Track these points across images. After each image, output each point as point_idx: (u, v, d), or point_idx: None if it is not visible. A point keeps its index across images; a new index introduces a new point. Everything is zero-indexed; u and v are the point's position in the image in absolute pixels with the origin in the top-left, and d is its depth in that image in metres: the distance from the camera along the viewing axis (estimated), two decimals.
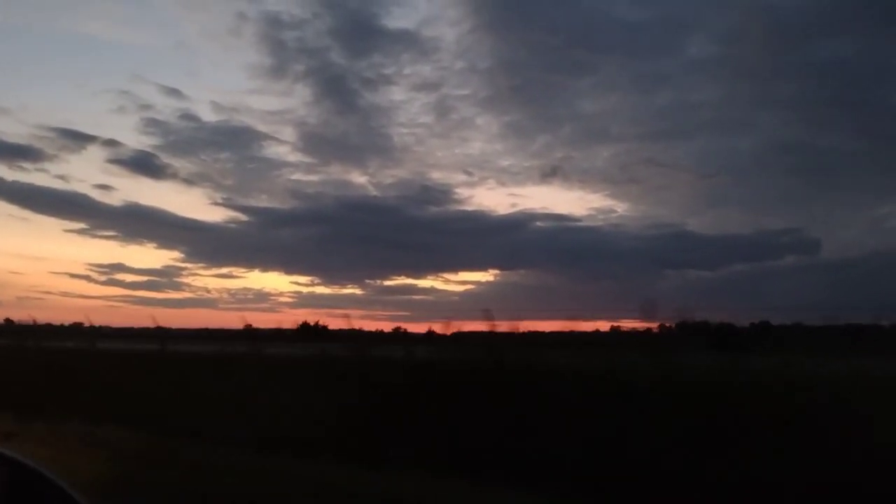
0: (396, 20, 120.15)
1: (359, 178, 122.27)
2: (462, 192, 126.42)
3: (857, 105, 79.40)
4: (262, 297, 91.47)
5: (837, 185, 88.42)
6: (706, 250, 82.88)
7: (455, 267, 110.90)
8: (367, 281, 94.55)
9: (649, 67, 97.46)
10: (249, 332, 16.52)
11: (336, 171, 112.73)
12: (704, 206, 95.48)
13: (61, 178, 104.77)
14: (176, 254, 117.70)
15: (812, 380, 7.15)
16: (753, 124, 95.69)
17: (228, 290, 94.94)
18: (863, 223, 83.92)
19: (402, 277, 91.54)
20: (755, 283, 76.50)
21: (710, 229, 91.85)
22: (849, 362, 7.54)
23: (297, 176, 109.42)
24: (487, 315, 10.00)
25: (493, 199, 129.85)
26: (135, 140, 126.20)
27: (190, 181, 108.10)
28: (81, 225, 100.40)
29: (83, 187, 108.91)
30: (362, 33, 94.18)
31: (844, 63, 76.09)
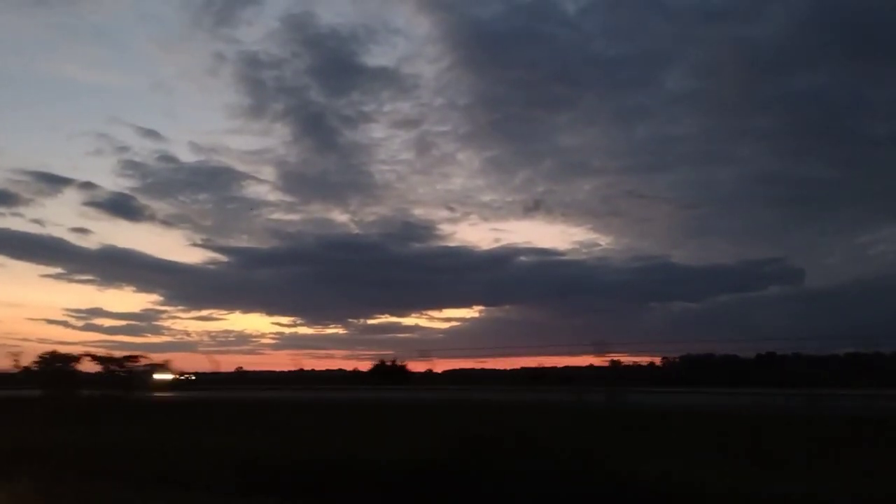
0: (375, 58, 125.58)
1: (340, 216, 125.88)
2: (444, 228, 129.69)
3: (834, 135, 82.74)
4: (243, 339, 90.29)
5: (818, 214, 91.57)
6: (690, 282, 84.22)
7: (439, 304, 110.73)
8: (350, 320, 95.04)
9: (628, 101, 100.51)
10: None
11: (317, 210, 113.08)
12: (687, 238, 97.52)
13: (37, 222, 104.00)
14: (155, 297, 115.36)
15: None
16: (733, 156, 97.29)
17: (209, 333, 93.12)
18: (845, 252, 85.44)
19: (386, 316, 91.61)
20: (741, 314, 77.23)
21: (693, 260, 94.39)
22: None
23: (277, 215, 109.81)
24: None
25: (476, 234, 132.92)
26: (112, 182, 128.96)
27: (168, 223, 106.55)
28: (58, 269, 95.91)
29: (59, 231, 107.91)
30: (341, 71, 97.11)
31: (820, 94, 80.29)
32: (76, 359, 13.86)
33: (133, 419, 13.36)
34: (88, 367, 14.80)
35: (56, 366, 13.69)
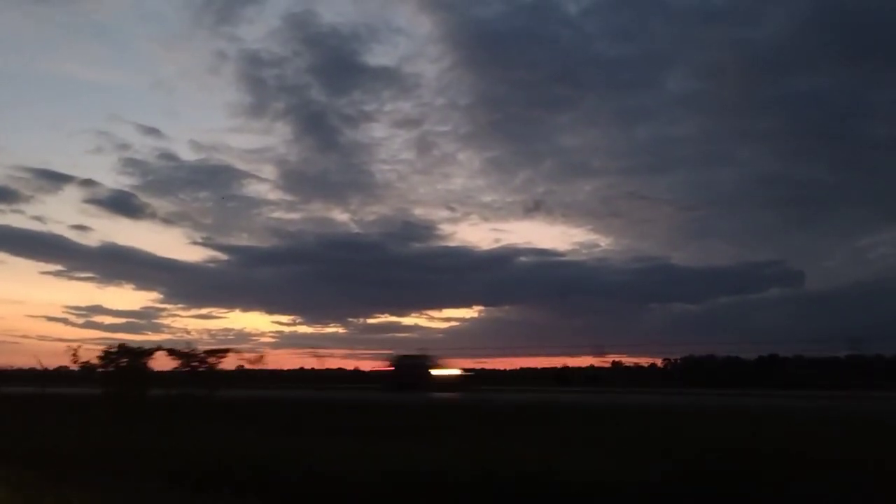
0: (377, 57, 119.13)
1: (340, 215, 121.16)
2: (445, 227, 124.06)
3: (834, 137, 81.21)
4: (243, 337, 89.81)
5: (818, 216, 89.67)
6: (690, 283, 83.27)
7: (439, 304, 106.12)
8: (350, 319, 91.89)
9: (629, 102, 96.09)
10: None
11: (317, 209, 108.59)
12: (687, 239, 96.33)
13: (37, 219, 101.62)
14: (155, 295, 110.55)
15: None
16: (733, 157, 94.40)
17: (209, 331, 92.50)
18: (845, 254, 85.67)
19: (386, 315, 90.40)
20: (740, 316, 77.95)
21: (693, 262, 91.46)
22: None
23: (277, 214, 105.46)
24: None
25: (476, 234, 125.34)
26: (112, 180, 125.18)
27: (169, 221, 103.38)
28: (58, 267, 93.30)
29: (60, 228, 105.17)
30: (343, 70, 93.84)
31: (821, 96, 78.88)
32: (148, 353, 12.01)
33: (216, 420, 11.63)
34: (163, 362, 12.97)
35: (123, 361, 11.82)
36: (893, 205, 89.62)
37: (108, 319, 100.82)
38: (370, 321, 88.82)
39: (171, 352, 11.51)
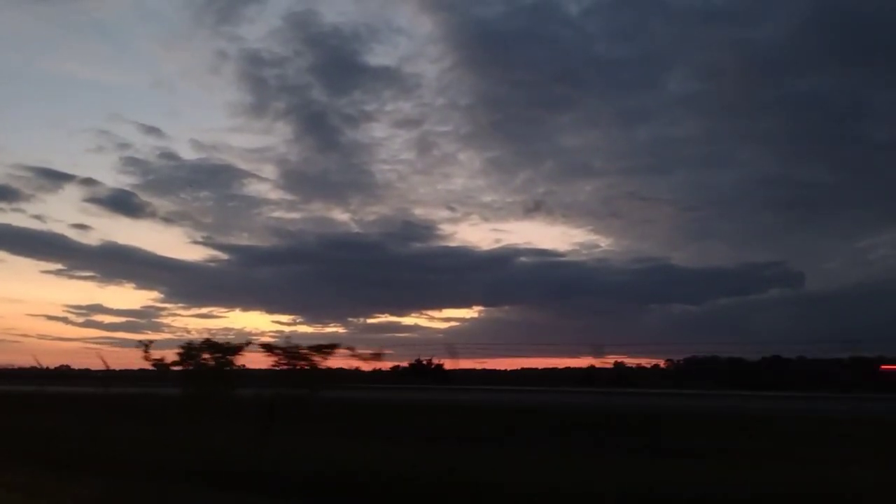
0: (377, 57, 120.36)
1: (340, 215, 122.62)
2: (445, 228, 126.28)
3: (835, 138, 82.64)
4: (243, 337, 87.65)
5: (819, 218, 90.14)
6: (690, 284, 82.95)
7: (439, 304, 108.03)
8: (350, 319, 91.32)
9: (629, 103, 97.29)
10: None
11: (317, 209, 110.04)
12: (688, 240, 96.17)
13: (38, 218, 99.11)
14: (155, 294, 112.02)
15: None
16: (735, 158, 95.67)
17: (209, 331, 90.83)
18: (845, 256, 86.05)
19: (386, 315, 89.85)
20: (741, 317, 77.78)
21: (694, 263, 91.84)
22: None
23: (278, 214, 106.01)
24: None
25: (477, 234, 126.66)
26: (113, 179, 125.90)
27: (169, 220, 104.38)
28: (58, 266, 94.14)
29: (60, 227, 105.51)
30: (343, 70, 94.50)
31: (821, 97, 79.59)
32: (237, 349, 10.92)
33: (326, 424, 10.66)
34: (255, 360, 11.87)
35: (204, 358, 10.73)
36: (894, 206, 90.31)
37: (108, 319, 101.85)
38: (370, 321, 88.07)
39: (267, 348, 10.43)
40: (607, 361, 61.75)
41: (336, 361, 11.34)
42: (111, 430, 11.16)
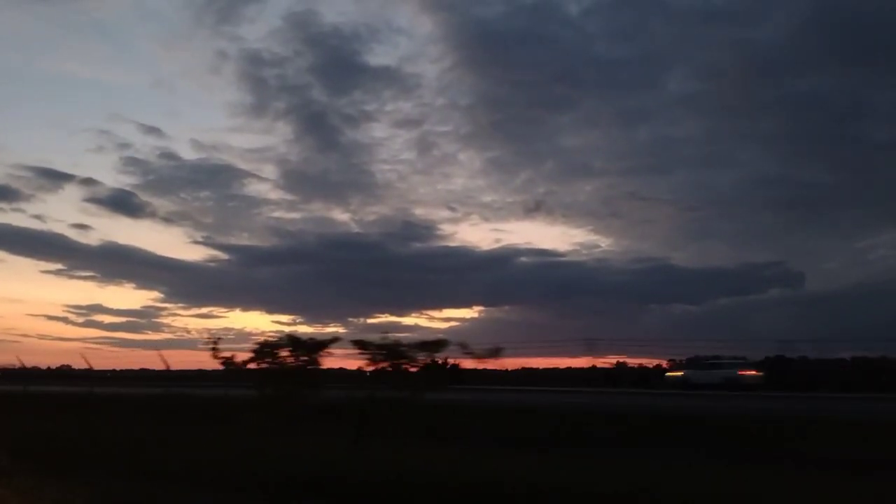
0: (377, 57, 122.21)
1: (341, 215, 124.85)
2: (445, 228, 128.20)
3: (835, 139, 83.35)
4: (243, 337, 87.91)
5: (819, 218, 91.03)
6: (690, 284, 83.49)
7: (439, 304, 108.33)
8: (350, 319, 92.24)
9: (630, 103, 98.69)
10: None
11: (318, 209, 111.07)
12: (688, 240, 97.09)
13: (38, 217, 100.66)
14: (155, 294, 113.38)
15: None
16: (735, 158, 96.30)
17: (209, 331, 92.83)
18: (845, 256, 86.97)
19: (386, 315, 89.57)
20: (741, 317, 78.04)
21: (694, 263, 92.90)
22: None
23: (278, 214, 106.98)
24: None
25: (477, 234, 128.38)
26: (113, 179, 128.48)
27: (169, 220, 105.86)
28: (58, 266, 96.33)
29: (60, 227, 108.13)
30: (343, 70, 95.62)
31: (822, 97, 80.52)
32: (323, 345, 10.21)
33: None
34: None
35: (284, 357, 10.02)
36: (893, 206, 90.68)
37: (108, 318, 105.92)
38: (370, 321, 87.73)
39: (360, 344, 9.74)
40: (608, 361, 61.90)
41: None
42: (183, 434, 10.43)
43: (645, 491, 6.18)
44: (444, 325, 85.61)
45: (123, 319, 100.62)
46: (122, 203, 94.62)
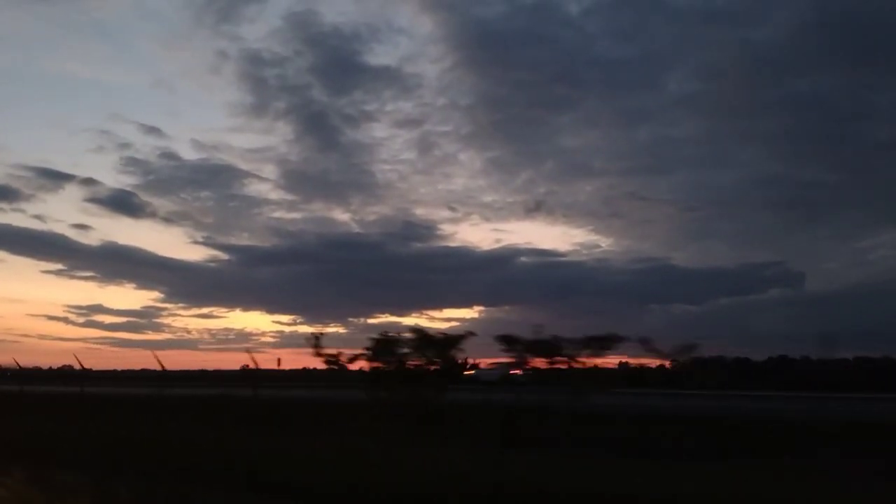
0: (378, 57, 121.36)
1: (341, 215, 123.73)
2: (446, 228, 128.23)
3: (835, 139, 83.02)
4: (243, 337, 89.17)
5: (820, 218, 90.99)
6: (691, 284, 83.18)
7: (439, 304, 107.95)
8: (351, 319, 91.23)
9: (630, 103, 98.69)
10: None
11: (318, 209, 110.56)
12: (688, 240, 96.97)
13: (38, 217, 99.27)
14: (155, 294, 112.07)
15: None
16: (735, 158, 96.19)
17: (209, 331, 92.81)
18: (845, 256, 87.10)
19: (386, 315, 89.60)
20: (741, 317, 77.21)
21: (694, 263, 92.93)
22: None
23: (278, 214, 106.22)
24: None
25: (477, 234, 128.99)
26: (113, 179, 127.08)
27: (169, 220, 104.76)
28: (59, 266, 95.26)
29: (60, 227, 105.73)
30: (344, 70, 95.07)
31: (822, 98, 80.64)
32: (454, 341, 8.62)
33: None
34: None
35: (406, 355, 8.43)
36: (894, 206, 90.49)
37: (108, 319, 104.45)
38: (370, 321, 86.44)
39: (507, 341, 8.16)
40: (610, 361, 61.03)
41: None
42: (296, 444, 8.70)
43: None
44: (445, 326, 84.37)
45: (124, 320, 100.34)
46: (122, 203, 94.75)
